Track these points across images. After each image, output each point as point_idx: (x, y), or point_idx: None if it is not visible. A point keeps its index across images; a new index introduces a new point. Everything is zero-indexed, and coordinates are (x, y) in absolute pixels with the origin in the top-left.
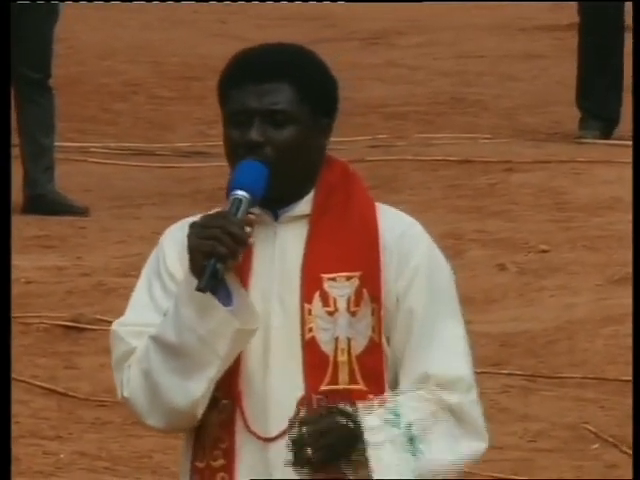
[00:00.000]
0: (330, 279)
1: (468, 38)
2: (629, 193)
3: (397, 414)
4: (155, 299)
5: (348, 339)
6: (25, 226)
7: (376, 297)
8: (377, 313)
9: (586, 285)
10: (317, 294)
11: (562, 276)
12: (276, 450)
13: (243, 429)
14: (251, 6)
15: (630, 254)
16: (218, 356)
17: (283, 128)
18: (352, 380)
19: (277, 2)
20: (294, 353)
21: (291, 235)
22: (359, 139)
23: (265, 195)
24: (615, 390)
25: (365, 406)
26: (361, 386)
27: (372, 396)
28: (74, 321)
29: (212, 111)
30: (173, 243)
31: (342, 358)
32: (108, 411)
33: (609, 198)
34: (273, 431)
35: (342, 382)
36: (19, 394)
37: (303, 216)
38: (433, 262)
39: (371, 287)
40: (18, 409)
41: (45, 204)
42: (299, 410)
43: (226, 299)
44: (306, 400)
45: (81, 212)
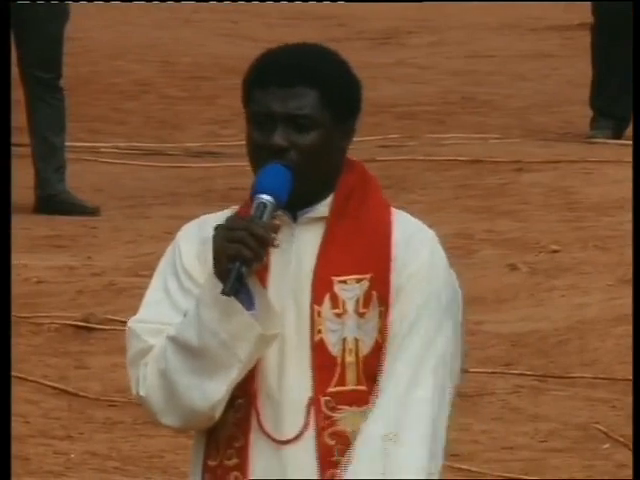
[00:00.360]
0: (341, 282)
1: (479, 37)
2: None
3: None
4: (171, 296)
5: (356, 340)
6: (36, 226)
7: (384, 300)
8: (384, 315)
9: (597, 285)
10: (327, 296)
11: (573, 276)
12: (289, 453)
13: (257, 429)
14: (261, 5)
15: None
16: (239, 360)
17: (307, 133)
18: (359, 381)
19: (290, 2)
20: (304, 355)
21: (308, 237)
22: (369, 139)
23: (290, 199)
24: (626, 390)
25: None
26: (365, 387)
27: (372, 396)
28: (85, 321)
29: (223, 111)
30: (190, 240)
31: (350, 359)
32: (119, 411)
33: (620, 198)
34: (286, 433)
35: (350, 383)
36: (30, 394)
37: (321, 218)
38: (431, 271)
39: (380, 289)
40: (29, 409)
41: (56, 204)
42: (309, 412)
43: (248, 302)
44: (315, 401)
45: (92, 212)
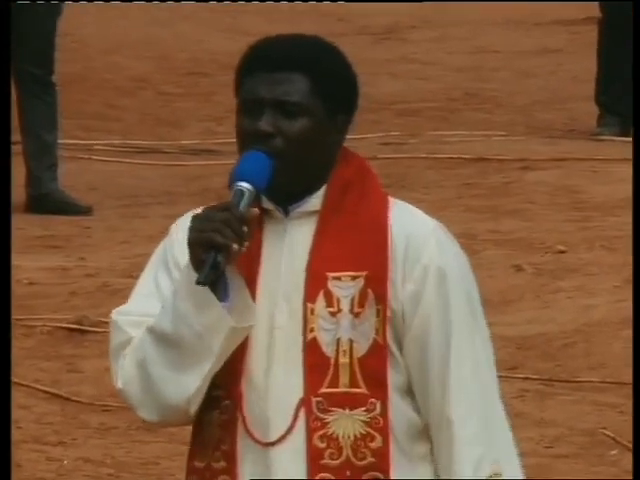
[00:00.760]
0: (335, 278)
1: (482, 33)
2: None
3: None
4: (160, 288)
5: (350, 341)
6: (28, 226)
7: (382, 298)
8: (382, 314)
9: (604, 286)
10: (321, 293)
11: (579, 277)
12: (276, 455)
13: (243, 431)
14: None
15: None
16: (212, 352)
17: (295, 120)
18: (353, 383)
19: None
20: (295, 354)
21: (300, 231)
22: (370, 136)
23: (273, 188)
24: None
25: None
26: (362, 389)
27: (374, 400)
28: (78, 323)
29: (221, 108)
30: (182, 233)
31: (343, 360)
32: (113, 416)
33: (628, 197)
34: (273, 435)
35: (342, 385)
36: (21, 399)
37: (314, 212)
38: (444, 261)
39: (377, 287)
40: (21, 414)
41: (49, 203)
42: (298, 413)
43: (224, 294)
44: (305, 402)
45: (85, 211)
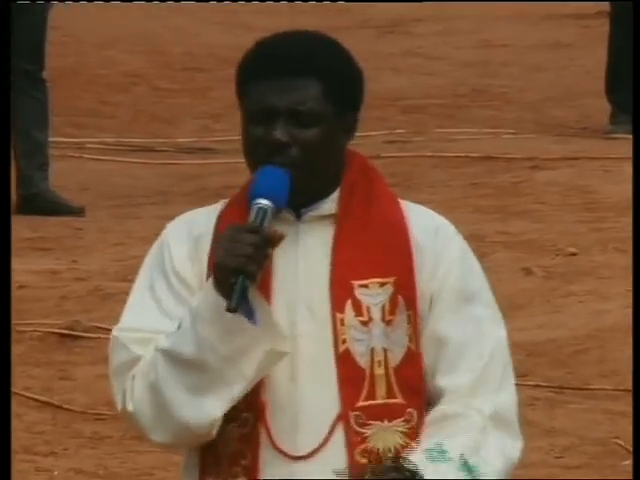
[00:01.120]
0: (362, 286)
1: (491, 26)
2: None
3: (443, 451)
4: (160, 301)
5: (384, 350)
6: (18, 227)
7: (412, 303)
8: (414, 320)
9: (617, 290)
10: (349, 302)
11: (592, 280)
12: (305, 469)
13: (268, 445)
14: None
15: None
16: (244, 377)
17: (309, 128)
18: (390, 394)
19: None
20: (326, 365)
21: (315, 236)
22: (374, 134)
23: (291, 198)
24: None
25: (409, 451)
26: (399, 400)
27: (411, 409)
28: (70, 329)
29: (218, 104)
30: (180, 240)
31: (379, 371)
32: (106, 425)
33: None
34: (302, 448)
35: (380, 397)
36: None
37: (327, 216)
38: (466, 263)
39: (406, 293)
40: None
41: (39, 204)
42: (334, 428)
43: (248, 316)
44: (343, 417)
45: (77, 212)
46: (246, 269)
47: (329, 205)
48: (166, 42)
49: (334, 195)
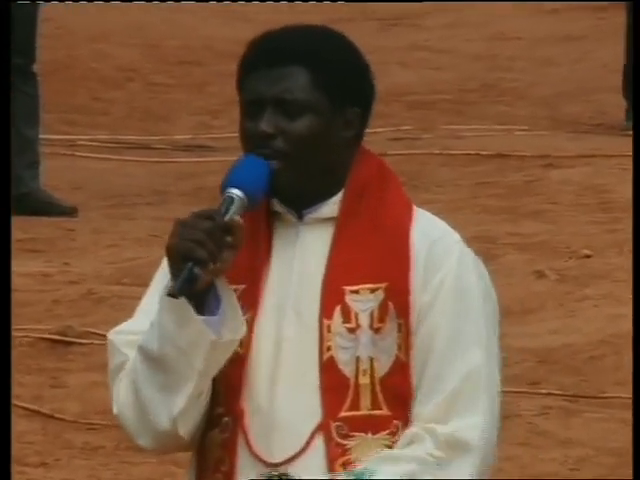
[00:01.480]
0: (353, 292)
1: (500, 18)
2: None
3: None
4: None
5: (370, 359)
6: None
7: (404, 311)
8: (404, 329)
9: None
10: (338, 308)
11: (607, 284)
12: None
13: (246, 450)
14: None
15: None
16: (194, 370)
17: (297, 118)
18: (375, 405)
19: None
20: (309, 372)
21: (314, 238)
22: (379, 131)
23: (276, 191)
24: None
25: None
26: (384, 411)
27: (397, 421)
28: (62, 334)
29: (215, 100)
30: None
31: (364, 380)
32: (99, 435)
33: None
34: (278, 455)
35: (364, 407)
36: None
37: (330, 219)
38: (462, 277)
39: (398, 300)
40: None
41: (29, 203)
42: (314, 437)
43: (215, 305)
44: (323, 426)
45: (69, 212)
46: (194, 254)
47: (331, 207)
48: (161, 35)
49: (337, 197)
